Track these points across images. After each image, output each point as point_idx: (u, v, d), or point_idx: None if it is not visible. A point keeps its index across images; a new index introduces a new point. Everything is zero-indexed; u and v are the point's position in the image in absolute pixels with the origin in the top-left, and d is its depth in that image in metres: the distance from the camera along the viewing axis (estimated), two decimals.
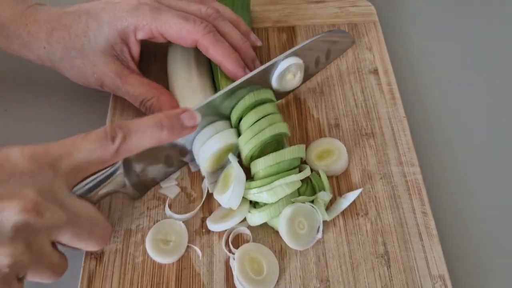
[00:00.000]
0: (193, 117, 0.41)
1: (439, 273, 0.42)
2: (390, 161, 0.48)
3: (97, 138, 0.37)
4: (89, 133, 0.38)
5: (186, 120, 0.40)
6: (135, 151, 0.39)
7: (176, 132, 0.40)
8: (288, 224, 0.42)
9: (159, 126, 0.39)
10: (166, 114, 0.40)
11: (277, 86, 0.48)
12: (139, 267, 0.42)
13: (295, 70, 0.48)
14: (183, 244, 0.43)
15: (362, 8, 0.61)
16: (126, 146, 0.38)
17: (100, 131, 0.38)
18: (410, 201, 0.45)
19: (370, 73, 0.55)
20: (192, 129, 0.41)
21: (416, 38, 0.62)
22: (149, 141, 0.39)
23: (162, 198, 0.46)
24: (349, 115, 0.52)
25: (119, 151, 0.38)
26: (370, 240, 0.43)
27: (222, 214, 0.44)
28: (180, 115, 0.40)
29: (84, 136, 0.37)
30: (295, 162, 0.45)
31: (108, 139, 0.37)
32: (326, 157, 0.48)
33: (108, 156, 0.38)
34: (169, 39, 0.47)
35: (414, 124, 0.53)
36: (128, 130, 0.38)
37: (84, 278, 0.42)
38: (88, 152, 0.37)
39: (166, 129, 0.39)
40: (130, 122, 0.39)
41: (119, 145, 0.38)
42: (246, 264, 0.41)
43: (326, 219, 0.44)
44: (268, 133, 0.44)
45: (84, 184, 0.40)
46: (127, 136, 0.38)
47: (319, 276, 0.42)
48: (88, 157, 0.37)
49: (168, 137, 0.40)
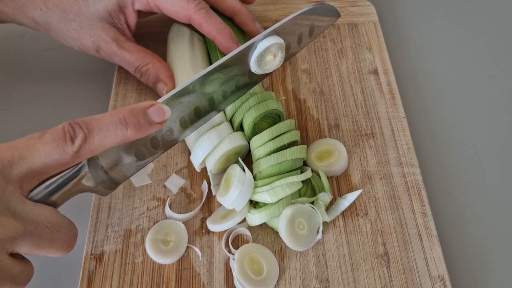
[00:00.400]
0: (161, 111, 0.37)
1: (439, 273, 0.42)
2: (390, 162, 0.48)
3: (54, 138, 0.33)
4: (45, 132, 0.34)
5: (154, 115, 0.36)
6: (97, 151, 0.35)
7: (143, 129, 0.36)
8: (288, 225, 0.42)
9: (123, 124, 0.35)
10: (131, 109, 0.36)
11: (256, 68, 0.44)
12: (139, 267, 0.42)
13: (276, 50, 0.44)
14: (183, 244, 0.43)
15: (362, 8, 0.61)
16: (88, 146, 0.34)
17: (57, 130, 0.34)
18: (410, 202, 0.46)
19: (370, 73, 0.55)
20: (161, 125, 0.37)
21: (416, 38, 0.62)
22: (113, 140, 0.35)
23: (162, 199, 0.46)
24: (349, 115, 0.52)
25: (79, 153, 0.34)
26: (370, 240, 0.44)
27: (222, 214, 0.44)
28: (147, 110, 0.36)
29: (40, 135, 0.34)
30: (297, 163, 0.45)
31: (67, 140, 0.33)
32: (326, 158, 0.48)
33: (68, 158, 0.34)
34: (164, 12, 0.48)
35: (414, 125, 0.53)
36: (89, 128, 0.34)
37: (84, 278, 0.42)
38: (44, 154, 0.33)
39: (131, 127, 0.35)
40: (91, 118, 0.35)
41: (80, 146, 0.34)
42: (246, 265, 0.41)
43: (326, 220, 0.44)
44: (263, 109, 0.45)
45: (44, 187, 0.35)
46: (88, 135, 0.34)
47: (319, 276, 0.42)
48: (44, 160, 0.33)
49: (134, 135, 0.36)
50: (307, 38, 0.48)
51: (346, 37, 0.58)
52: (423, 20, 0.64)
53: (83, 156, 0.35)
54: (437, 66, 0.59)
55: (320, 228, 0.43)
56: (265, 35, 0.43)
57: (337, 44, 0.58)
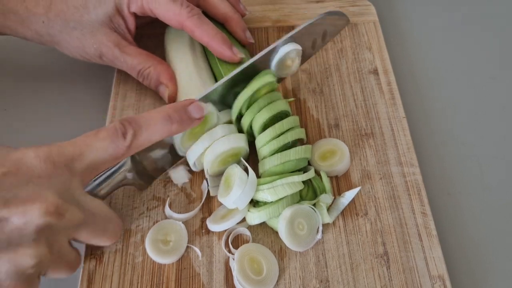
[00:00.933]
0: (200, 108, 0.42)
1: (439, 273, 0.42)
2: (390, 162, 0.48)
3: (108, 135, 0.38)
4: (100, 130, 0.38)
5: (194, 112, 0.41)
6: (146, 145, 0.40)
7: (185, 124, 0.41)
8: (287, 226, 0.42)
9: (168, 119, 0.40)
10: (174, 107, 0.41)
11: (276, 72, 0.48)
12: (139, 267, 0.42)
13: (294, 56, 0.48)
14: (183, 244, 0.43)
15: (361, 7, 0.61)
16: (137, 141, 0.39)
17: (110, 128, 0.38)
18: (409, 202, 0.46)
19: (370, 73, 0.55)
20: (200, 120, 0.42)
21: (416, 37, 0.62)
22: (160, 135, 0.40)
23: (161, 199, 0.46)
24: (348, 115, 0.52)
25: (131, 147, 0.38)
26: (369, 240, 0.44)
27: (222, 214, 0.44)
28: (187, 107, 0.41)
29: (95, 133, 0.38)
30: (301, 163, 0.45)
31: (119, 136, 0.38)
32: (329, 158, 0.48)
33: (121, 152, 0.38)
34: (158, 17, 0.49)
35: (413, 125, 0.53)
36: (138, 125, 0.39)
37: (84, 278, 0.42)
38: (101, 150, 0.37)
39: (175, 122, 0.40)
40: (139, 116, 0.39)
41: (131, 141, 0.38)
42: (246, 265, 0.41)
43: (328, 221, 0.44)
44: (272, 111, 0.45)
45: (93, 181, 0.41)
46: (137, 131, 0.38)
47: (319, 276, 0.42)
48: (101, 155, 0.37)
49: (178, 130, 0.41)
50: (320, 43, 0.53)
51: (346, 37, 0.58)
52: (423, 20, 0.64)
53: (134, 150, 0.39)
54: (437, 66, 0.59)
55: (319, 228, 0.43)
56: (284, 41, 0.47)
57: (337, 44, 0.58)
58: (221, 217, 0.44)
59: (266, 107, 0.45)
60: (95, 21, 0.48)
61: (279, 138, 0.44)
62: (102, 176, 0.41)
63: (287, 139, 0.44)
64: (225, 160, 0.45)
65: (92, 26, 0.48)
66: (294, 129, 0.45)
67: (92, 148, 0.37)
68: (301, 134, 0.46)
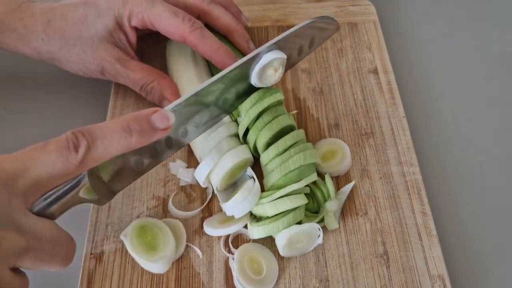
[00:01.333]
0: (166, 117, 0.36)
1: (438, 273, 0.42)
2: (390, 161, 0.48)
3: (57, 148, 0.33)
4: (48, 142, 0.33)
5: (158, 121, 0.36)
6: (101, 160, 0.35)
7: (147, 136, 0.35)
8: (286, 247, 0.41)
9: (127, 131, 0.34)
10: (134, 117, 0.35)
11: (256, 81, 0.44)
12: (139, 267, 0.42)
13: (277, 65, 0.44)
14: (182, 243, 0.43)
15: (361, 7, 0.61)
16: (92, 155, 0.33)
17: (60, 140, 0.33)
18: (409, 201, 0.46)
19: (370, 72, 0.55)
20: (165, 132, 0.36)
21: (416, 37, 0.62)
22: (117, 148, 0.34)
23: (161, 198, 0.46)
24: (348, 114, 0.52)
25: (83, 162, 0.33)
26: (369, 240, 0.44)
27: (220, 219, 0.44)
28: (150, 117, 0.36)
29: (43, 146, 0.33)
30: (305, 172, 0.43)
31: (71, 149, 0.33)
32: (330, 158, 0.47)
33: (72, 168, 0.33)
34: (159, 31, 0.48)
35: (413, 124, 0.53)
36: (92, 137, 0.34)
37: (84, 278, 0.42)
38: (48, 165, 0.33)
39: (135, 134, 0.35)
40: (93, 127, 0.34)
41: (84, 155, 0.33)
42: (246, 264, 0.41)
43: (336, 227, 0.44)
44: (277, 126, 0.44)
45: (43, 199, 0.34)
46: (91, 144, 0.33)
47: (319, 276, 0.42)
48: (48, 171, 0.33)
49: (138, 143, 0.35)
50: (307, 50, 0.48)
51: (346, 36, 0.58)
52: (423, 19, 0.64)
53: (87, 166, 0.34)
54: (437, 66, 0.59)
55: (320, 234, 0.42)
56: (268, 47, 0.43)
57: (337, 43, 0.58)
58: (219, 222, 0.44)
59: (269, 125, 0.44)
60: (95, 37, 0.47)
61: (282, 156, 0.43)
62: (52, 196, 0.35)
63: (290, 155, 0.43)
64: (233, 173, 0.44)
65: (92, 41, 0.47)
66: (299, 143, 0.44)
67: (38, 163, 0.32)
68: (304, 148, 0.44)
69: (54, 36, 0.47)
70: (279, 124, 0.44)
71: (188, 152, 0.49)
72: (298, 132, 0.45)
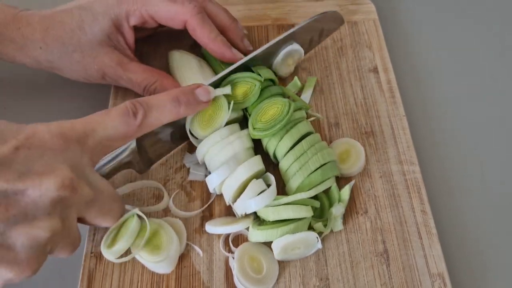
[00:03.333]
0: (208, 92, 0.43)
1: (438, 271, 0.42)
2: (390, 160, 0.48)
3: (119, 114, 0.38)
4: (111, 109, 0.38)
5: (201, 95, 0.42)
6: (155, 126, 0.40)
7: (192, 107, 0.42)
8: (281, 253, 0.41)
9: (176, 101, 0.41)
10: (182, 90, 0.42)
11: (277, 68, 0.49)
12: (139, 265, 0.42)
13: (297, 57, 0.50)
14: (183, 242, 0.43)
15: (361, 6, 0.61)
16: (147, 121, 0.39)
17: (121, 107, 0.38)
18: (409, 200, 0.46)
19: (370, 71, 0.55)
20: (207, 104, 0.43)
21: (416, 36, 0.62)
22: (168, 116, 0.41)
23: (162, 197, 0.46)
24: (348, 113, 0.52)
25: (141, 126, 0.39)
26: (369, 238, 0.44)
27: (223, 221, 0.44)
28: (194, 90, 0.42)
29: (106, 112, 0.38)
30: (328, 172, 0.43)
31: (130, 115, 0.38)
32: (346, 159, 0.47)
33: (131, 131, 0.39)
34: (159, 21, 0.48)
35: (413, 123, 0.53)
36: (148, 105, 0.39)
37: (84, 277, 0.42)
38: (112, 128, 0.38)
39: (183, 104, 0.41)
40: (149, 98, 0.40)
41: (141, 120, 0.39)
42: (246, 263, 0.41)
43: (340, 229, 0.43)
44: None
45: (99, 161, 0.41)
46: (147, 111, 0.39)
47: (319, 274, 0.42)
48: (112, 133, 0.38)
49: (185, 112, 0.41)
50: (316, 41, 0.54)
51: (346, 35, 0.58)
52: (423, 18, 0.64)
53: (143, 130, 0.40)
54: (437, 64, 0.59)
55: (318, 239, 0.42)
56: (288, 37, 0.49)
57: (337, 42, 0.58)
58: (222, 223, 0.44)
59: (289, 133, 0.44)
60: (93, 41, 0.47)
61: (300, 159, 0.43)
62: (107, 157, 0.42)
63: (308, 157, 0.43)
64: (245, 185, 0.43)
65: (91, 47, 0.47)
66: (315, 146, 0.44)
67: (103, 126, 0.37)
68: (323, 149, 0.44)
69: (52, 44, 0.47)
70: (299, 132, 0.44)
71: (188, 149, 0.49)
72: (314, 136, 0.45)
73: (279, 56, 0.49)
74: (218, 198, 0.46)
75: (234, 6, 0.60)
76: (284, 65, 0.49)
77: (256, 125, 0.45)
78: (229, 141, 0.44)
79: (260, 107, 0.45)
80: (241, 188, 0.43)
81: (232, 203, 0.43)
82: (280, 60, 0.49)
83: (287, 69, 0.50)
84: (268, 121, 0.44)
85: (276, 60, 0.49)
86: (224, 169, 0.43)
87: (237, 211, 0.43)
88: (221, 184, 0.43)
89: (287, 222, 0.41)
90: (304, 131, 0.45)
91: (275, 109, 0.45)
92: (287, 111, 0.44)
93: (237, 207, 0.43)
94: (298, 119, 0.45)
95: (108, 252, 0.40)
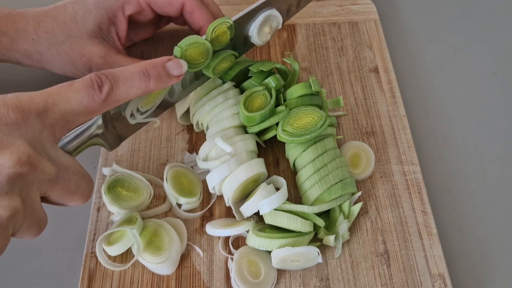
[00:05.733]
0: (179, 65, 0.40)
1: (439, 271, 0.42)
2: (390, 160, 0.48)
3: (83, 86, 0.35)
4: (74, 81, 0.35)
5: (173, 68, 0.39)
6: (122, 101, 0.37)
7: (163, 81, 0.39)
8: (279, 263, 0.41)
9: (146, 75, 0.37)
10: (152, 63, 0.38)
11: (254, 36, 0.47)
12: (140, 265, 0.42)
13: (275, 24, 0.47)
14: (183, 243, 0.43)
15: (362, 6, 0.61)
16: (114, 95, 0.36)
17: (85, 80, 0.35)
18: (410, 200, 0.46)
19: (371, 71, 0.55)
20: (178, 78, 0.40)
21: (417, 36, 0.62)
22: (137, 90, 0.37)
23: (162, 197, 0.46)
24: (349, 113, 0.52)
25: (107, 101, 0.36)
26: (370, 238, 0.44)
27: (223, 223, 0.44)
28: (165, 64, 0.39)
29: (69, 84, 0.35)
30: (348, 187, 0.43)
31: (96, 88, 0.35)
32: (357, 164, 0.47)
33: (96, 106, 0.35)
34: (157, 8, 0.48)
35: (414, 123, 0.53)
36: (115, 78, 0.36)
37: (85, 277, 0.42)
38: (75, 101, 0.34)
39: (153, 78, 0.38)
40: (116, 70, 0.37)
41: (107, 94, 0.35)
42: (244, 267, 0.41)
43: (347, 239, 0.43)
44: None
45: (64, 137, 0.38)
46: (114, 84, 0.36)
47: (319, 274, 0.42)
48: (75, 107, 0.35)
49: (155, 87, 0.38)
50: (294, 10, 0.51)
51: (346, 35, 0.58)
52: (423, 18, 0.64)
53: (109, 105, 0.36)
54: (437, 64, 0.59)
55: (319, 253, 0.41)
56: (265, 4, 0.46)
57: (337, 42, 0.58)
58: (222, 225, 0.44)
59: (314, 146, 0.43)
60: (84, 33, 0.48)
61: (320, 171, 0.43)
62: (72, 133, 0.38)
63: (328, 170, 0.43)
64: (245, 187, 0.43)
65: (81, 38, 0.48)
66: (335, 160, 0.44)
67: (65, 99, 0.34)
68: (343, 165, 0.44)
69: (43, 36, 0.48)
70: (324, 147, 0.44)
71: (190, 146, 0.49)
72: (336, 151, 0.44)
73: (257, 20, 0.46)
74: (218, 198, 0.46)
75: (235, 6, 0.60)
76: (261, 33, 0.47)
77: (286, 127, 0.44)
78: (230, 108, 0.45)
79: (296, 112, 0.44)
80: (241, 190, 0.43)
81: (232, 204, 0.43)
82: (258, 25, 0.46)
83: (264, 37, 0.47)
84: (300, 128, 0.43)
85: (254, 25, 0.46)
86: (224, 168, 0.43)
87: (244, 214, 0.43)
88: (221, 183, 0.43)
89: (287, 235, 0.41)
90: (329, 147, 0.44)
91: (310, 118, 0.43)
92: (321, 125, 0.43)
93: (245, 210, 0.42)
94: (326, 134, 0.45)
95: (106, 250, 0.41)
